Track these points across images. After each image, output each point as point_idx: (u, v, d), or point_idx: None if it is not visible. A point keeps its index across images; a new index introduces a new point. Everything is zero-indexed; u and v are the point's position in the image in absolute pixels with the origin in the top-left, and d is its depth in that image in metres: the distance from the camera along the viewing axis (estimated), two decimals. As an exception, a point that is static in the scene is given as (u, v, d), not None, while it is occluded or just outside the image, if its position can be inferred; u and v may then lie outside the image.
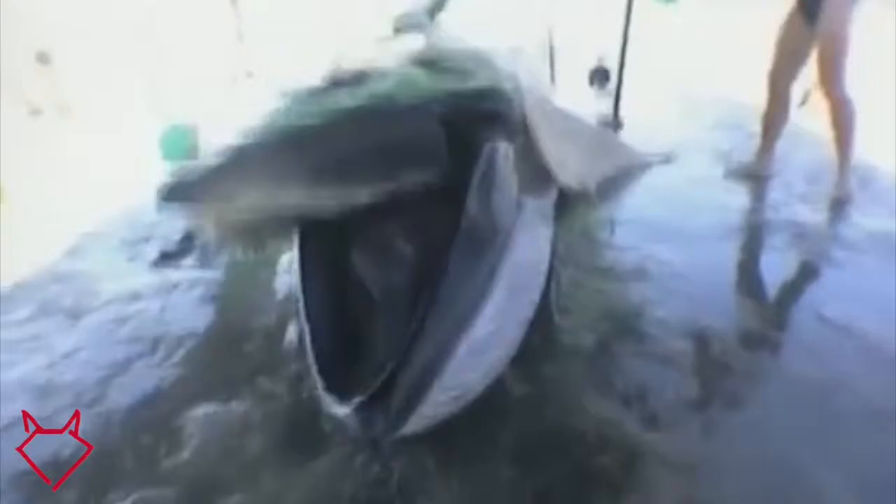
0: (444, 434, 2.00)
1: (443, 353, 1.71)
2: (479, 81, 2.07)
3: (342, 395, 1.84)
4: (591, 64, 7.57)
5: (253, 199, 1.77)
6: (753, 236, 3.79)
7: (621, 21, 5.36)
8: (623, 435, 2.16)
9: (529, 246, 2.13)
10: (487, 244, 1.83)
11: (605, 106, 6.16)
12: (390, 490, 1.94)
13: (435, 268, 1.96)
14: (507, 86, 2.16)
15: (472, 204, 1.80)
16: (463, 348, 1.74)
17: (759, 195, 4.42)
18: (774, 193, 4.43)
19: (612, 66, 6.88)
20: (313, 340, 2.14)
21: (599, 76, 7.39)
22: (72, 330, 2.83)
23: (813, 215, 4.03)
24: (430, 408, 1.75)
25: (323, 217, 2.14)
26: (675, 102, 7.43)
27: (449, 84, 2.04)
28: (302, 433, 2.20)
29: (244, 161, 1.73)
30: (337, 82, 2.15)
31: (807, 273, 3.40)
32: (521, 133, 2.06)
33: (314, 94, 2.09)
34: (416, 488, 1.95)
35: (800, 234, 3.74)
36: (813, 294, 3.24)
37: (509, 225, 1.95)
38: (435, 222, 2.45)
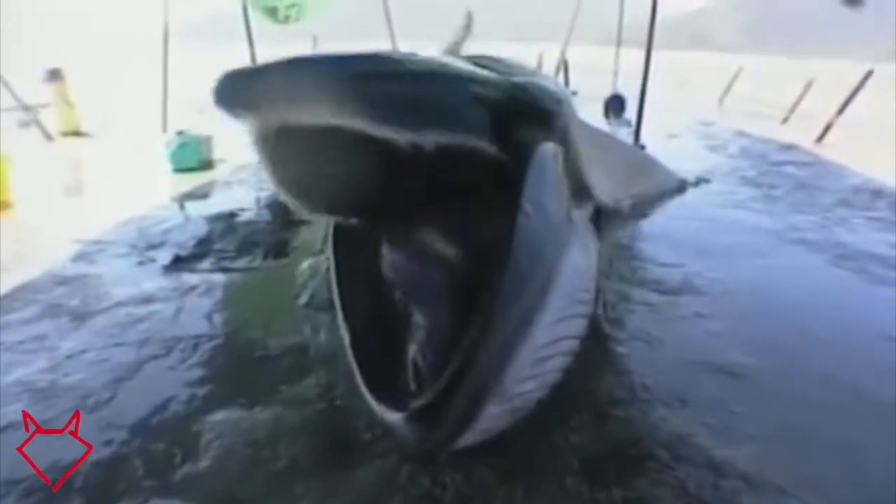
0: (503, 445, 1.78)
1: (502, 361, 1.57)
2: (531, 80, 1.98)
3: (392, 401, 1.68)
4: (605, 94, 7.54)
5: (307, 112, 1.57)
6: (796, 255, 3.62)
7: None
8: (696, 449, 1.93)
9: (581, 254, 2.00)
10: (543, 250, 1.70)
11: (623, 137, 6.11)
12: (444, 505, 1.70)
13: (482, 271, 1.88)
14: (557, 91, 2.14)
15: (527, 204, 1.66)
16: (523, 356, 1.60)
17: (793, 218, 4.30)
18: (808, 217, 4.32)
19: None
20: (355, 346, 1.99)
21: (615, 105, 7.31)
22: (77, 331, 2.58)
23: (851, 236, 3.91)
24: (488, 419, 1.59)
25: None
26: (697, 134, 7.42)
27: (505, 77, 1.91)
28: (337, 442, 1.95)
29: (303, 72, 1.55)
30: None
31: (857, 290, 3.21)
32: (565, 143, 1.95)
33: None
34: (473, 502, 1.70)
35: (842, 254, 3.60)
36: (868, 309, 3.04)
37: (563, 231, 1.83)
38: (475, 225, 2.33)
